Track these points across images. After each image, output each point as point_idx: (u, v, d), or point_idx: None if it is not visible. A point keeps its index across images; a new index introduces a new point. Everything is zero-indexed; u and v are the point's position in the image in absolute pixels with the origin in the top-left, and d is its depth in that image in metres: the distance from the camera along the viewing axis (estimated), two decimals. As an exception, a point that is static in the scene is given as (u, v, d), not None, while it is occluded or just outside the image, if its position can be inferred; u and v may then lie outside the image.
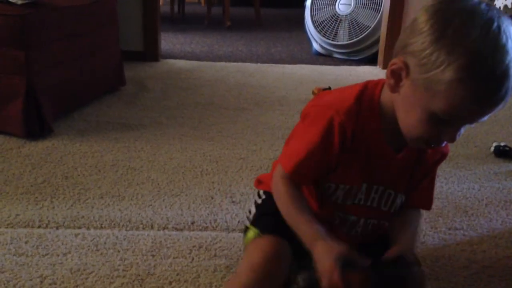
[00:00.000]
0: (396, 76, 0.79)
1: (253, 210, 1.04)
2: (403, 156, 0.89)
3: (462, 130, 0.79)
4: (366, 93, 0.86)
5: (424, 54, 0.73)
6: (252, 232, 0.97)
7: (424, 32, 0.74)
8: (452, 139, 0.79)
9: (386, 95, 0.84)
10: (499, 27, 0.71)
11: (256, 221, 1.00)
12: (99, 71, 2.27)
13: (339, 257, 0.78)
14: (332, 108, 0.84)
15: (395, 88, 0.80)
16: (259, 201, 1.04)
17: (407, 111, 0.80)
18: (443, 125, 0.77)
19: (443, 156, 0.94)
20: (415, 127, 0.79)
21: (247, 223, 1.02)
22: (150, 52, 3.01)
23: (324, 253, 0.80)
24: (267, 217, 0.99)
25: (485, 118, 0.76)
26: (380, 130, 0.85)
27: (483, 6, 0.74)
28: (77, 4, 2.06)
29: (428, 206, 0.98)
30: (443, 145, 0.84)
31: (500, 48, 0.70)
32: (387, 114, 0.84)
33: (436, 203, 1.46)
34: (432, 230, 1.32)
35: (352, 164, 0.87)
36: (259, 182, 1.09)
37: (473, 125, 0.79)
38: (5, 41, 1.77)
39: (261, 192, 1.06)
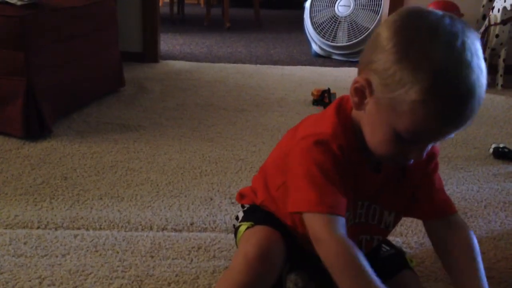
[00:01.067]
0: (360, 94, 0.77)
1: (241, 214, 1.03)
2: (384, 175, 0.87)
3: (429, 146, 0.78)
4: (342, 111, 0.84)
5: (387, 74, 0.71)
6: (244, 226, 0.95)
7: (387, 51, 0.71)
8: (419, 157, 0.77)
9: (355, 112, 0.82)
10: (463, 43, 0.69)
11: (247, 217, 0.99)
12: (99, 72, 2.27)
13: None
14: (320, 133, 0.81)
15: (359, 106, 0.78)
16: (245, 208, 1.04)
17: (373, 130, 0.78)
18: (409, 144, 0.75)
19: (431, 158, 0.89)
20: (381, 146, 0.78)
21: (237, 224, 1.02)
22: (150, 53, 3.02)
23: None
24: (258, 212, 0.98)
25: (452, 135, 0.74)
26: (358, 149, 0.83)
27: (447, 21, 0.71)
28: (76, 5, 2.06)
29: (452, 210, 0.91)
30: (411, 162, 0.80)
31: (465, 66, 0.68)
32: (358, 133, 0.82)
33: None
34: (431, 231, 1.32)
35: (344, 185, 0.83)
36: (241, 197, 1.07)
37: (438, 143, 0.78)
38: (5, 42, 1.77)
39: (245, 205, 1.05)
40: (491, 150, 1.85)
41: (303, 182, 0.80)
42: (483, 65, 0.70)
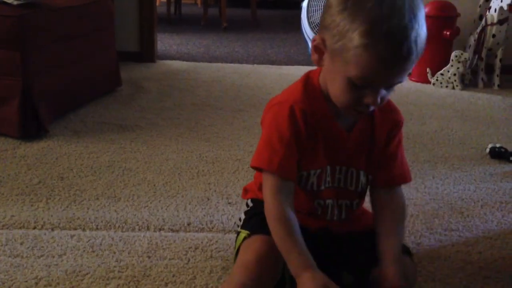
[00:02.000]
0: (318, 51, 0.86)
1: (243, 216, 1.06)
2: (356, 134, 0.94)
3: (384, 93, 0.83)
4: (309, 82, 0.93)
5: (333, 26, 0.81)
6: (242, 235, 0.98)
7: (332, 6, 0.81)
8: (374, 102, 0.83)
9: (322, 77, 0.91)
10: None
11: (245, 224, 1.02)
12: (96, 72, 2.27)
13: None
14: (287, 102, 0.91)
15: (319, 62, 0.87)
16: (248, 208, 1.07)
17: (331, 81, 0.87)
18: (362, 89, 0.82)
19: (395, 125, 0.97)
20: (339, 95, 0.85)
21: (238, 229, 1.04)
22: (147, 53, 3.01)
23: (309, 283, 0.82)
24: (255, 218, 1.01)
25: (402, 79, 0.81)
26: (328, 112, 0.91)
27: None
28: (73, 5, 2.05)
29: (405, 179, 1.00)
30: (371, 109, 0.87)
31: (396, 11, 0.76)
32: (329, 98, 0.90)
33: (431, 204, 1.47)
34: (428, 231, 1.32)
35: (315, 148, 0.92)
36: (245, 192, 1.11)
37: (392, 89, 0.84)
38: (1, 42, 1.76)
39: (249, 201, 1.08)
40: (488, 150, 1.85)
41: (262, 142, 0.92)
42: (418, 12, 0.78)
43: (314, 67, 0.93)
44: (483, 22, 2.78)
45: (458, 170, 1.72)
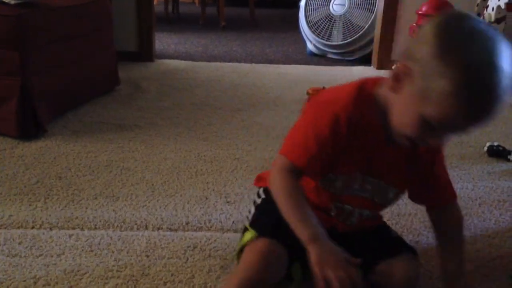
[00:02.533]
0: (398, 79, 0.83)
1: (253, 210, 1.06)
2: (396, 149, 0.93)
3: (448, 138, 0.84)
4: (364, 89, 0.91)
5: (425, 62, 0.78)
6: (249, 234, 0.99)
7: (429, 44, 0.78)
8: (438, 144, 0.85)
9: (382, 92, 0.89)
10: (497, 49, 0.76)
11: (254, 222, 1.02)
12: (94, 72, 2.26)
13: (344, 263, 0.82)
14: (335, 103, 0.90)
15: (395, 89, 0.84)
16: (259, 201, 1.07)
17: (402, 112, 0.85)
18: (431, 130, 0.81)
19: (437, 154, 0.99)
20: (406, 127, 0.84)
21: (246, 223, 1.04)
22: (145, 52, 3.01)
23: (323, 254, 0.83)
24: (264, 218, 1.01)
25: (472, 131, 0.81)
26: (377, 123, 0.90)
27: (486, 27, 0.79)
28: (71, 5, 2.05)
29: (452, 198, 1.03)
30: (426, 145, 0.87)
31: (496, 70, 0.75)
32: (380, 109, 0.89)
33: (430, 203, 1.47)
34: (426, 229, 1.33)
35: (350, 155, 0.92)
36: (259, 179, 1.12)
37: (457, 136, 0.84)
38: (0, 41, 1.76)
39: (261, 191, 1.08)
40: (486, 148, 1.85)
41: (299, 135, 0.92)
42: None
43: (313, 67, 0.92)
44: (481, 20, 2.78)
45: (456, 168, 1.73)
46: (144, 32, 2.99)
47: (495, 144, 1.85)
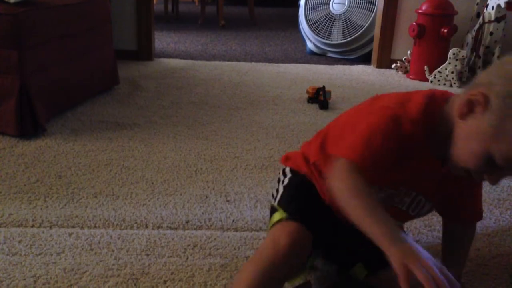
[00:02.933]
0: (471, 106, 0.80)
1: (281, 189, 1.04)
2: (447, 170, 0.89)
3: (505, 178, 0.83)
4: (433, 104, 0.86)
5: (507, 100, 0.76)
6: (279, 214, 0.97)
7: (506, 83, 0.76)
8: (494, 183, 0.82)
9: (446, 112, 0.85)
10: None
11: (284, 203, 1.00)
12: (93, 70, 2.26)
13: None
14: (404, 114, 0.84)
15: (464, 116, 0.81)
16: (286, 180, 1.05)
17: (467, 142, 0.81)
18: (493, 167, 0.79)
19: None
20: (467, 159, 0.81)
21: (274, 202, 1.03)
22: (144, 51, 3.01)
23: (398, 257, 0.74)
24: (296, 202, 1.00)
25: None
26: (434, 138, 0.86)
27: None
28: (70, 3, 2.05)
29: (477, 218, 1.04)
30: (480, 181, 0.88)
31: None
32: (440, 129, 0.85)
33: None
34: (426, 228, 1.33)
35: (402, 171, 0.89)
36: (286, 159, 1.09)
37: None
38: (-2, 40, 1.76)
39: (287, 169, 1.06)
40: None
41: (361, 139, 0.84)
42: None
43: (312, 66, 0.90)
44: (480, 19, 2.78)
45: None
46: (144, 31, 2.99)
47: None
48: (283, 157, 1.10)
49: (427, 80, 2.86)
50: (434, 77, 2.82)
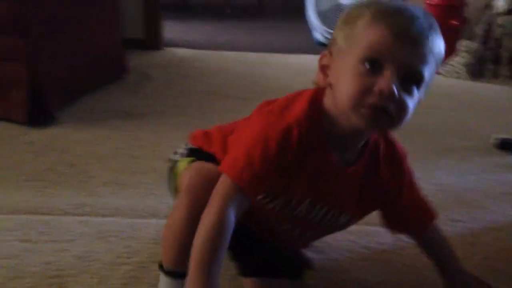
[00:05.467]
0: (324, 68, 0.82)
1: (181, 150, 1.04)
2: (350, 172, 0.86)
3: (399, 88, 0.74)
4: (316, 102, 0.84)
5: (340, 29, 0.79)
6: (183, 162, 0.96)
7: (338, 25, 0.80)
8: (388, 87, 0.72)
9: (328, 102, 0.83)
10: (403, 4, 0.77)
11: (188, 155, 1.00)
12: (102, 59, 2.27)
13: None
14: (286, 118, 0.81)
15: (325, 80, 0.81)
16: (188, 148, 1.05)
17: (339, 82, 0.78)
18: (374, 74, 0.74)
19: (402, 180, 0.92)
20: (348, 89, 0.75)
21: (176, 158, 1.03)
22: (153, 41, 3.01)
23: None
24: (204, 153, 0.98)
25: (417, 66, 0.74)
26: (326, 142, 0.83)
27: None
28: (78, -10, 2.05)
29: (430, 217, 0.98)
30: (387, 104, 0.73)
31: (403, 8, 0.76)
32: (333, 124, 0.82)
33: (437, 195, 1.47)
34: (450, 221, 1.33)
35: (297, 178, 0.84)
36: (195, 139, 1.08)
37: (411, 92, 0.75)
38: (6, 28, 1.76)
39: (190, 145, 1.06)
40: (493, 140, 1.85)
41: (242, 149, 0.81)
42: (432, 24, 0.78)
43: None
44: (490, 12, 2.76)
45: (463, 161, 1.73)
46: (152, 20, 2.99)
47: (502, 136, 1.85)
48: (191, 137, 1.07)
49: (437, 72, 2.85)
50: (444, 70, 2.80)
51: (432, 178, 1.59)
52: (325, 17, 3.43)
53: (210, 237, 0.76)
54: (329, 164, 0.84)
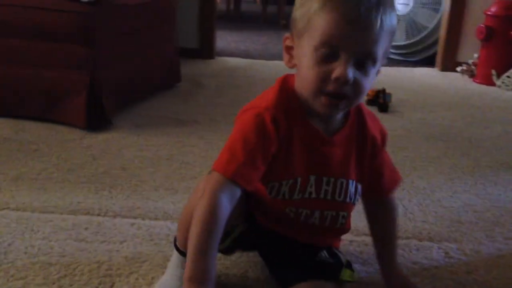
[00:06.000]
0: (288, 49, 0.87)
1: None
2: (341, 138, 0.90)
3: (356, 72, 0.79)
4: (286, 85, 0.90)
5: (293, 21, 0.84)
6: None
7: (296, 5, 0.85)
8: (343, 74, 0.78)
9: (297, 83, 0.88)
10: None
11: None
12: (157, 68, 2.34)
13: None
14: (258, 108, 0.87)
15: (290, 61, 0.87)
16: None
17: (299, 67, 0.84)
18: (329, 60, 0.79)
19: (383, 135, 0.97)
20: (307, 76, 0.82)
21: None
22: (206, 50, 3.07)
23: None
24: None
25: (370, 51, 0.79)
26: (306, 116, 0.88)
27: None
28: (137, 2, 2.13)
29: (394, 184, 1.01)
30: (344, 91, 0.80)
31: None
32: (306, 102, 0.87)
33: (492, 212, 1.42)
34: (488, 239, 1.28)
35: (288, 157, 0.88)
36: None
37: (366, 72, 0.81)
38: (70, 37, 1.86)
39: None
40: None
41: (226, 147, 0.86)
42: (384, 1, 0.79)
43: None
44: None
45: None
46: (206, 29, 3.06)
47: None
48: None
49: (494, 84, 2.74)
50: (503, 82, 2.70)
51: (487, 193, 1.53)
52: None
53: (204, 223, 0.80)
54: (315, 136, 0.89)
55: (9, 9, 1.87)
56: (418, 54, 3.28)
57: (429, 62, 3.18)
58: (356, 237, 1.25)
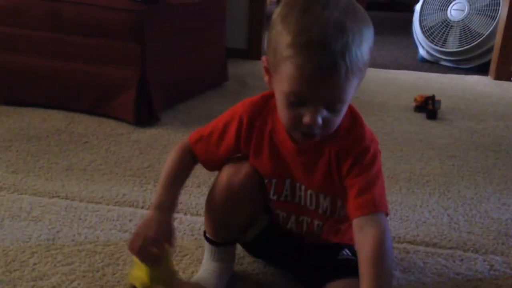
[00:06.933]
0: (267, 71, 0.86)
1: None
2: (307, 147, 0.89)
3: (327, 114, 0.80)
4: (269, 96, 0.92)
5: (269, 43, 0.82)
6: None
7: (270, 25, 0.82)
8: (313, 122, 0.79)
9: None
10: (325, 3, 0.77)
11: None
12: (205, 67, 2.38)
13: (147, 238, 0.86)
14: (241, 109, 0.95)
15: (269, 84, 0.87)
16: None
17: (277, 101, 0.85)
18: (300, 108, 0.79)
19: (349, 154, 0.88)
20: (281, 115, 0.84)
21: None
22: (253, 50, 3.09)
23: (149, 222, 0.89)
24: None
25: (341, 98, 0.79)
26: (274, 124, 0.92)
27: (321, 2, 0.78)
28: (190, 2, 2.17)
29: (359, 211, 0.85)
30: (316, 131, 0.82)
31: (319, 23, 0.75)
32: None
33: (543, 227, 1.36)
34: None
35: (261, 160, 0.94)
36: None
37: (337, 112, 0.81)
38: (124, 34, 1.91)
39: None
40: None
41: (210, 127, 1.00)
42: (352, 26, 0.77)
43: (423, 74, 0.89)
44: None
45: None
46: (254, 30, 3.07)
47: None
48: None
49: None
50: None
51: (539, 208, 1.47)
52: (432, 33, 3.31)
53: (170, 165, 0.98)
54: (285, 143, 0.91)
55: (75, 7, 1.93)
56: (471, 61, 3.18)
57: (482, 70, 3.08)
58: (398, 244, 1.23)
